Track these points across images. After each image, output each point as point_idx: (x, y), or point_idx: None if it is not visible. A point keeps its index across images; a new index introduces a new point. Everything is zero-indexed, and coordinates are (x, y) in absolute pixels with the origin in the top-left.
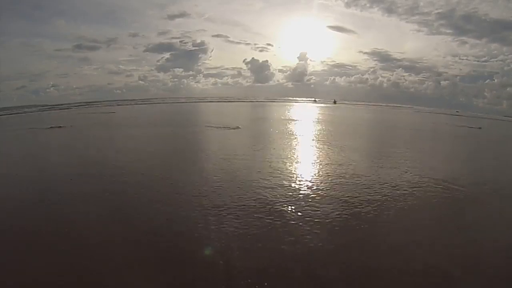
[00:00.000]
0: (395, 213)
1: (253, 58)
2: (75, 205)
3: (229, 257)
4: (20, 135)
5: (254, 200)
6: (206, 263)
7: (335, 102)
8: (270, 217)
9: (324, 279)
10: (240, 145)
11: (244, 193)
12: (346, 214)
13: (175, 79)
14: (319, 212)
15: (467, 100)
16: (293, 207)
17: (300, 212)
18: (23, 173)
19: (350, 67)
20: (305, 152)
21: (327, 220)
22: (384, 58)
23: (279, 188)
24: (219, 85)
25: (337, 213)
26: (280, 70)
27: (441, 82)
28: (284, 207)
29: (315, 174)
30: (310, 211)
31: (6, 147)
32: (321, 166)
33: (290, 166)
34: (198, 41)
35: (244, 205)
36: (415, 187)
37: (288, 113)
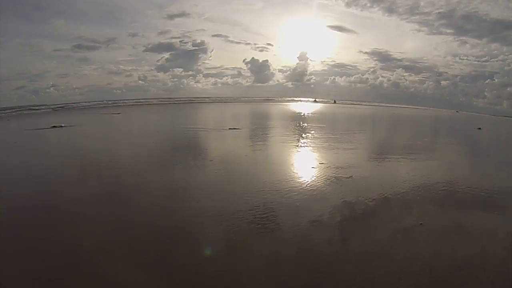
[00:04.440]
0: (394, 216)
1: (253, 58)
2: (74, 206)
3: (227, 263)
4: (21, 134)
5: (255, 206)
6: (201, 269)
7: (335, 102)
8: (276, 225)
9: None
10: (240, 147)
11: (244, 198)
12: (349, 219)
13: (175, 79)
14: (320, 216)
15: (467, 100)
16: (292, 212)
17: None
18: (14, 178)
19: (350, 67)
20: (306, 155)
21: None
22: (384, 58)
23: (280, 193)
24: (219, 85)
25: (339, 218)
26: (280, 70)
27: (442, 82)
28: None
29: (319, 178)
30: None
31: (8, 146)
32: (324, 168)
33: (292, 169)
34: (198, 41)
35: (244, 211)
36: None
37: (287, 114)
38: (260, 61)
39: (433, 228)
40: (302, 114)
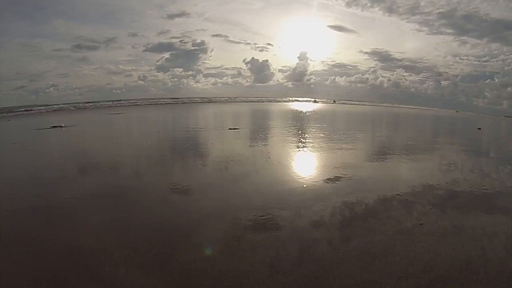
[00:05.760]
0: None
1: (253, 58)
2: (74, 206)
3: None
4: (21, 134)
5: (255, 206)
6: (201, 269)
7: (334, 102)
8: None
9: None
10: (240, 147)
11: (245, 198)
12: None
13: (175, 79)
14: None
15: (467, 100)
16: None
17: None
18: (14, 178)
19: (350, 67)
20: (306, 155)
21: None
22: (384, 58)
23: (280, 193)
24: (219, 85)
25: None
26: (280, 70)
27: (442, 82)
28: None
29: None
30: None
31: (8, 147)
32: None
33: (293, 171)
34: (198, 41)
35: (244, 210)
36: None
37: (287, 113)
38: (260, 61)
39: (433, 228)
40: (301, 114)
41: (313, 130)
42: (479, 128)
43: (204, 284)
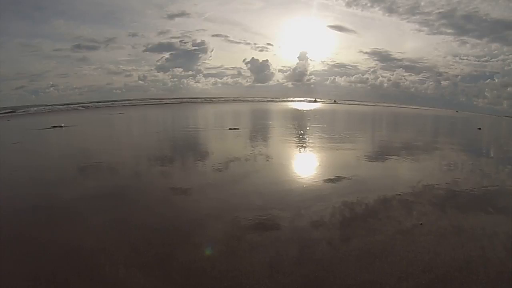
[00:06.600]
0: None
1: (253, 58)
2: (74, 206)
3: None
4: (21, 134)
5: (255, 206)
6: (201, 269)
7: (335, 102)
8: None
9: None
10: (240, 147)
11: (244, 198)
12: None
13: (175, 79)
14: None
15: (467, 100)
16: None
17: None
18: (14, 178)
19: (350, 67)
20: (305, 155)
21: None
22: (384, 58)
23: (280, 194)
24: (219, 85)
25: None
26: (280, 70)
27: (442, 82)
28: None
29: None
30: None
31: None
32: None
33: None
34: (198, 40)
35: (244, 211)
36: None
37: (287, 113)
38: (260, 61)
39: (433, 228)
40: (301, 114)
41: (313, 130)
42: (479, 128)
43: (204, 284)
